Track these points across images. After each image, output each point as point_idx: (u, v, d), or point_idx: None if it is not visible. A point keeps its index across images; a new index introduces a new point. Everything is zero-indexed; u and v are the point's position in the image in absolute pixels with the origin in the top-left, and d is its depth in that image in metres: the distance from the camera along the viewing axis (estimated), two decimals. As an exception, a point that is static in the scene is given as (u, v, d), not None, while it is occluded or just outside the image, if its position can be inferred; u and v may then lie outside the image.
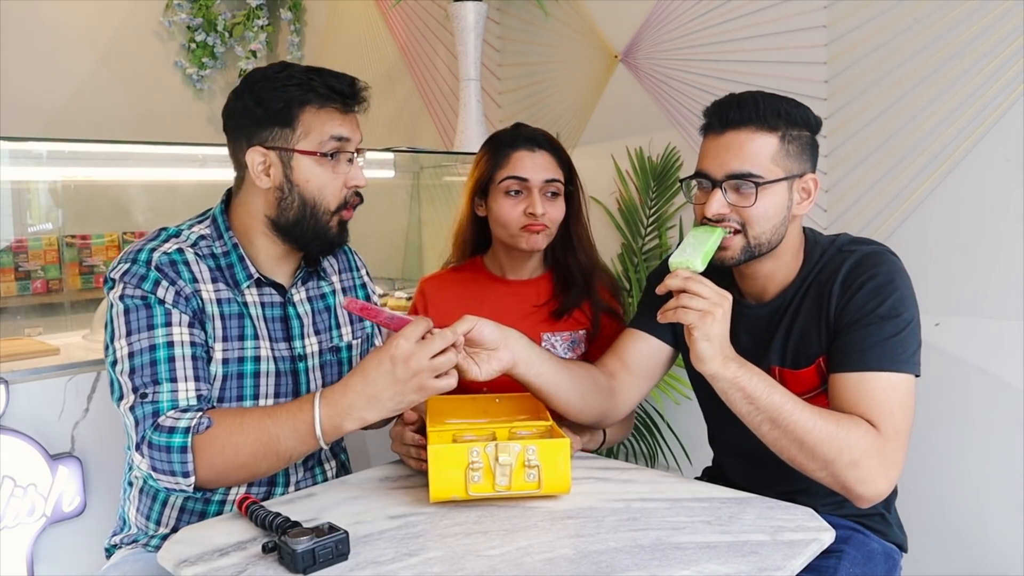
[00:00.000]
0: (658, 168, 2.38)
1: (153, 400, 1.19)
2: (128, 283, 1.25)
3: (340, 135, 1.32)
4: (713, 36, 2.27)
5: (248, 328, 1.33)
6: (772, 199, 1.29)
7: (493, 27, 2.80)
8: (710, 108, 1.34)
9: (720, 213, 1.29)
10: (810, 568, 1.09)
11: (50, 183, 2.52)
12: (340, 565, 1.02)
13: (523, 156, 1.62)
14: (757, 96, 1.30)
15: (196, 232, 1.36)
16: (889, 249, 1.33)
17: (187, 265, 1.29)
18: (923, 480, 1.92)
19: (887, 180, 1.98)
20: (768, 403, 1.18)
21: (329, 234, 1.34)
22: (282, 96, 1.29)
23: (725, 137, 1.29)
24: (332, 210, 1.33)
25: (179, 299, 1.26)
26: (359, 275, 1.57)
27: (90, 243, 2.61)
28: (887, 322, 1.24)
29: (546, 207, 1.61)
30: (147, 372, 1.21)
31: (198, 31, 3.63)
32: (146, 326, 1.24)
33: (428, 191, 3.10)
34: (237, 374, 1.32)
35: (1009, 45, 1.79)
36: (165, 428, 1.17)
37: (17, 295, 2.48)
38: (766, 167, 1.28)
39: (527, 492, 1.19)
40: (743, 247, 1.30)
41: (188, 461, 1.16)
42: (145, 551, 1.35)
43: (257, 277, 1.35)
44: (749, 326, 1.40)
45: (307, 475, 1.44)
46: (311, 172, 1.31)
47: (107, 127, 3.26)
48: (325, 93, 1.30)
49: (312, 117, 1.30)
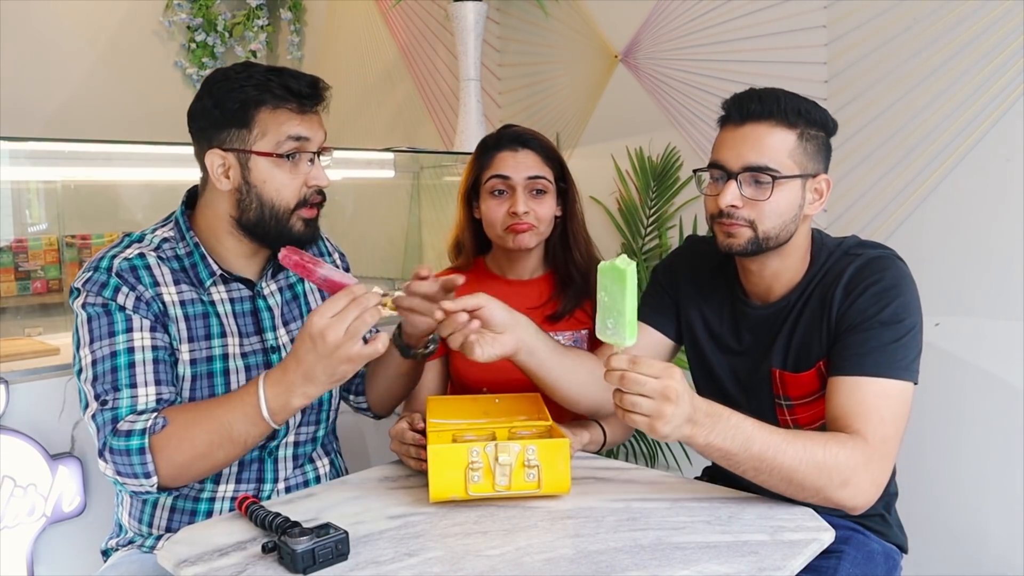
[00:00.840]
0: (658, 168, 2.38)
1: (113, 407, 1.22)
2: (90, 291, 1.27)
3: (298, 135, 1.31)
4: (713, 36, 2.27)
5: (214, 327, 1.34)
6: (786, 195, 1.28)
7: (493, 27, 2.80)
8: (730, 100, 1.32)
9: (733, 205, 1.27)
10: (810, 568, 1.09)
11: (50, 183, 2.52)
12: (340, 565, 1.02)
13: (506, 156, 1.63)
14: (778, 92, 1.29)
15: (160, 235, 1.37)
16: (896, 254, 1.32)
17: (148, 269, 1.30)
18: (923, 480, 1.92)
19: (887, 180, 1.98)
20: (747, 456, 1.13)
21: (293, 233, 1.33)
22: (238, 97, 1.28)
23: (744, 129, 1.28)
24: (291, 209, 1.32)
25: (140, 304, 1.27)
26: (330, 260, 1.57)
27: (90, 243, 2.61)
28: (887, 328, 1.23)
29: (531, 205, 1.60)
30: (108, 379, 1.23)
31: (198, 31, 3.63)
32: (107, 333, 1.25)
33: (428, 191, 3.10)
34: (207, 373, 1.33)
35: (1009, 45, 1.78)
36: (123, 432, 1.19)
37: (17, 295, 2.47)
38: (783, 162, 1.27)
39: (527, 492, 1.19)
40: (750, 238, 1.29)
41: (148, 462, 1.18)
42: (140, 552, 1.36)
43: (221, 274, 1.35)
44: (752, 326, 1.39)
45: (297, 472, 1.44)
46: (268, 173, 1.30)
47: (107, 127, 3.25)
48: (281, 93, 1.29)
49: (268, 117, 1.29)
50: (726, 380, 1.43)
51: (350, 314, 1.14)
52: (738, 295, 1.41)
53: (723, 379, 1.43)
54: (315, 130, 1.34)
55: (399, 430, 1.35)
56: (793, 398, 1.34)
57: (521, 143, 1.64)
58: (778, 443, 1.13)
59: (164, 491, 1.23)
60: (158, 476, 1.19)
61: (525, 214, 1.59)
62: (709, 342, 1.45)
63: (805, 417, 1.35)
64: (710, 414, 1.11)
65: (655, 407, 1.06)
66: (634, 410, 1.07)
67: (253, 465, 1.39)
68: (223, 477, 1.37)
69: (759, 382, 1.38)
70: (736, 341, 1.42)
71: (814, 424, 1.33)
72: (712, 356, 1.44)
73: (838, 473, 1.14)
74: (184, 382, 1.31)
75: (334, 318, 1.14)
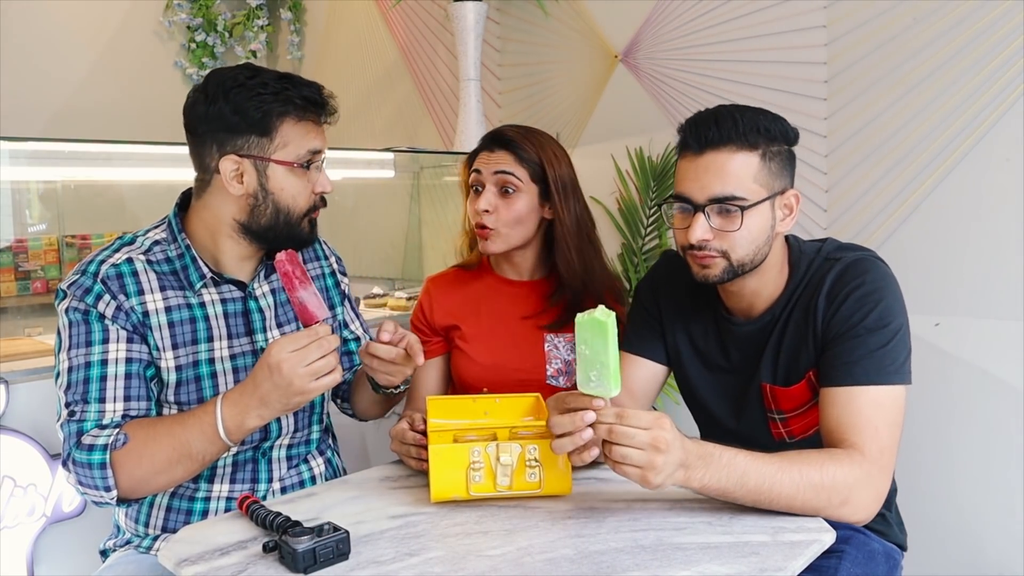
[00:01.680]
0: (658, 168, 2.38)
1: (80, 419, 1.24)
2: (74, 295, 1.29)
3: (316, 148, 1.34)
4: (713, 36, 2.27)
5: (201, 331, 1.35)
6: (756, 221, 1.25)
7: (493, 27, 2.80)
8: (685, 126, 1.28)
9: (704, 239, 1.25)
10: (811, 568, 1.09)
11: (50, 183, 2.52)
12: (341, 565, 1.02)
13: (483, 155, 1.62)
14: (734, 112, 1.25)
15: (151, 237, 1.38)
16: (875, 254, 1.31)
17: (135, 275, 1.31)
18: (923, 480, 1.92)
19: (887, 180, 1.98)
20: (745, 492, 1.11)
21: (302, 234, 1.38)
22: (260, 106, 1.29)
23: (704, 158, 1.24)
24: (303, 214, 1.36)
25: (119, 314, 1.29)
26: (327, 263, 1.57)
27: (90, 243, 2.61)
28: (874, 334, 1.22)
29: (496, 203, 1.57)
30: (79, 390, 1.26)
31: (198, 31, 3.62)
32: (85, 342, 1.27)
33: (428, 191, 3.10)
34: (194, 377, 1.34)
35: (1009, 45, 1.79)
36: (86, 446, 1.22)
37: (17, 295, 2.47)
38: (749, 188, 1.23)
39: (528, 492, 1.19)
40: (725, 268, 1.26)
41: (108, 476, 1.21)
42: (138, 552, 1.37)
43: (211, 276, 1.36)
44: (738, 343, 1.38)
45: (292, 472, 1.45)
46: (286, 181, 1.32)
47: (107, 127, 3.25)
48: (302, 104, 1.32)
49: (291, 129, 1.31)
50: (715, 398, 1.41)
51: (311, 354, 1.16)
52: (721, 312, 1.40)
53: (712, 397, 1.42)
54: (325, 140, 1.37)
55: (399, 430, 1.35)
56: (786, 411, 1.34)
57: (499, 143, 1.61)
58: (773, 473, 1.11)
59: (123, 503, 1.26)
60: (118, 490, 1.22)
61: (485, 212, 1.57)
62: (696, 360, 1.43)
63: (799, 428, 1.34)
64: (702, 456, 1.08)
65: (646, 458, 1.04)
66: (624, 462, 1.05)
67: (247, 465, 1.39)
68: (218, 477, 1.37)
69: (750, 398, 1.37)
70: (724, 359, 1.40)
71: (808, 433, 1.33)
72: (700, 374, 1.43)
73: (836, 493, 1.13)
74: (169, 388, 1.32)
75: (293, 353, 1.16)
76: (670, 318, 1.45)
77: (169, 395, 1.33)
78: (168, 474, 1.24)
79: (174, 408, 1.33)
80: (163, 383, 1.32)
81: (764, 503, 1.12)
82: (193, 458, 1.24)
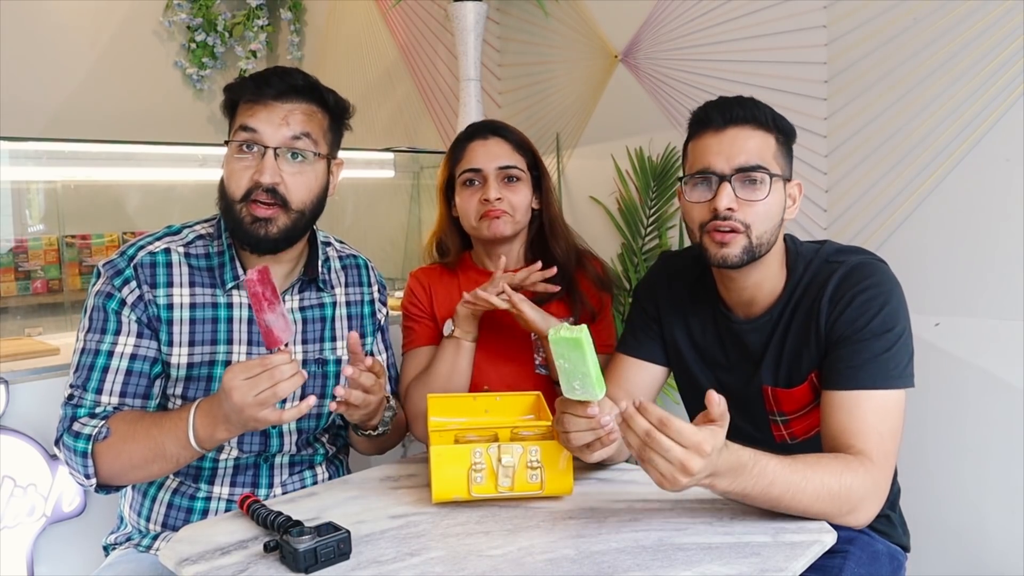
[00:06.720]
0: (658, 168, 2.38)
1: (77, 404, 1.28)
2: (107, 275, 1.31)
3: (247, 125, 1.30)
4: (713, 36, 2.27)
5: (222, 333, 1.35)
6: (775, 197, 1.28)
7: (493, 27, 2.80)
8: (707, 106, 1.32)
9: (730, 208, 1.25)
10: (815, 568, 1.09)
11: (50, 183, 2.52)
12: (342, 564, 1.02)
13: (476, 146, 1.63)
14: (751, 99, 1.31)
15: (197, 231, 1.39)
16: (877, 257, 1.31)
17: (168, 267, 1.33)
18: (923, 480, 1.92)
19: (887, 180, 1.98)
20: (766, 498, 1.11)
21: (243, 226, 1.31)
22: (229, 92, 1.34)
23: (729, 132, 1.28)
24: (238, 200, 1.31)
25: (139, 303, 1.31)
26: (369, 291, 1.54)
27: (90, 243, 2.60)
28: (878, 338, 1.22)
29: (504, 193, 1.60)
30: (83, 375, 1.29)
31: (198, 31, 3.62)
32: (100, 328, 1.31)
33: (428, 191, 3.09)
34: (206, 376, 1.35)
35: (1009, 45, 1.79)
36: (74, 432, 1.26)
37: (17, 295, 2.47)
38: (771, 162, 1.28)
39: (529, 493, 1.19)
40: (745, 247, 1.27)
41: (88, 465, 1.25)
42: (137, 551, 1.38)
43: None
44: (737, 341, 1.38)
45: (294, 478, 1.44)
46: (228, 164, 1.34)
47: (107, 127, 3.25)
48: (253, 86, 1.32)
49: (243, 110, 1.33)
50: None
51: (261, 383, 1.14)
52: (720, 309, 1.40)
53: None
54: (273, 126, 1.30)
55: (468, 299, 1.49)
56: (788, 413, 1.34)
57: (491, 131, 1.64)
58: (797, 483, 1.10)
59: (103, 490, 1.29)
60: (97, 478, 1.26)
61: (497, 200, 1.58)
62: (695, 356, 1.44)
63: (800, 429, 1.34)
64: (733, 467, 1.07)
65: (670, 473, 1.02)
66: (650, 464, 1.04)
67: (249, 470, 1.39)
68: (218, 479, 1.37)
69: (751, 400, 1.37)
70: (723, 355, 1.41)
71: (810, 434, 1.33)
72: (699, 370, 1.43)
73: (847, 502, 1.13)
74: (178, 383, 1.33)
75: (244, 381, 1.14)
76: (668, 315, 1.46)
77: (177, 389, 1.33)
78: (144, 470, 1.27)
79: (179, 402, 1.34)
80: (169, 378, 1.33)
81: (779, 509, 1.13)
82: (168, 459, 1.25)
